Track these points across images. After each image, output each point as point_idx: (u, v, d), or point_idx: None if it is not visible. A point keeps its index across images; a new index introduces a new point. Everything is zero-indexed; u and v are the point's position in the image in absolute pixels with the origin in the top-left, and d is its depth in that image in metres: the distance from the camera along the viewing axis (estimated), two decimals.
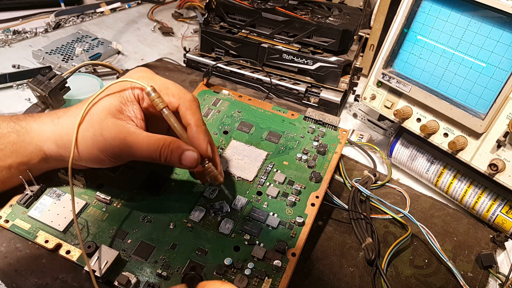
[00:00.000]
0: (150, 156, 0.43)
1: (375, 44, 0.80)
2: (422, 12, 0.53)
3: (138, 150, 0.43)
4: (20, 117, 0.46)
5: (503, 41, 0.47)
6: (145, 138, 0.43)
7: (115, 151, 0.43)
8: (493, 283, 0.51)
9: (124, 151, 0.43)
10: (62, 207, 0.47)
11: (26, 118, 0.46)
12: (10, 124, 0.45)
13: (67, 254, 0.44)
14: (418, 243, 0.54)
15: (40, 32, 0.89)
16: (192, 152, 0.43)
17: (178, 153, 0.43)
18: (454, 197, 0.59)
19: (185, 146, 0.43)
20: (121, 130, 0.43)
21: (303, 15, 0.73)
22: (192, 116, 0.44)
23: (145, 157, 0.43)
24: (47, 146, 0.45)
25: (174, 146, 0.43)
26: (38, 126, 0.45)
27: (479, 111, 0.50)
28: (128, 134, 0.43)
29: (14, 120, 0.45)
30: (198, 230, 0.47)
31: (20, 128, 0.45)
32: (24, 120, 0.45)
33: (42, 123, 0.45)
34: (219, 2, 0.74)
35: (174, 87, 0.45)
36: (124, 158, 0.45)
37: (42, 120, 0.45)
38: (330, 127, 0.60)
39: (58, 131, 0.44)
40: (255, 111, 0.62)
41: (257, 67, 0.74)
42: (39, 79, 0.56)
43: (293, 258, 0.45)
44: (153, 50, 0.90)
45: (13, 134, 0.44)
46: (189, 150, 0.43)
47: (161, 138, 0.43)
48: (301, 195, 0.51)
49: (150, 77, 0.46)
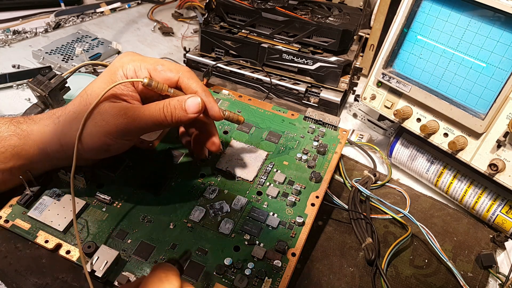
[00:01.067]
0: (156, 121, 0.43)
1: (375, 44, 0.80)
2: (422, 12, 0.53)
3: (142, 120, 0.43)
4: (21, 120, 0.46)
5: (503, 41, 0.47)
6: (145, 108, 0.44)
7: (121, 129, 0.43)
8: (493, 283, 0.51)
9: (129, 125, 0.43)
10: (62, 207, 0.47)
11: (27, 121, 0.45)
12: (11, 128, 0.45)
13: (67, 254, 0.44)
14: (418, 243, 0.54)
15: (40, 32, 0.89)
16: (193, 97, 0.44)
17: (181, 106, 0.43)
18: (454, 197, 0.59)
19: (184, 96, 0.44)
20: (120, 107, 0.43)
21: (303, 15, 0.73)
22: (196, 84, 0.46)
23: (152, 125, 0.44)
24: (50, 147, 0.45)
25: (174, 101, 0.43)
26: (39, 129, 0.45)
27: (479, 111, 0.50)
28: (127, 109, 0.43)
29: (14, 123, 0.45)
30: (198, 230, 0.47)
31: (21, 131, 0.44)
32: (24, 123, 0.45)
33: (44, 125, 0.45)
34: (219, 2, 0.74)
35: (168, 63, 0.46)
36: (132, 134, 0.45)
37: (43, 122, 0.45)
38: (330, 127, 0.60)
39: (61, 130, 0.44)
40: (255, 111, 0.62)
41: (257, 67, 0.74)
42: (39, 79, 0.56)
43: (293, 258, 0.45)
44: (153, 50, 0.90)
45: (14, 137, 0.44)
46: (189, 98, 0.44)
47: (159, 102, 0.44)
48: (301, 195, 0.51)
49: (141, 59, 0.46)
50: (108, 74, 0.45)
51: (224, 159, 0.54)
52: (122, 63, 0.45)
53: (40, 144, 0.45)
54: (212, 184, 0.51)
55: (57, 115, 0.45)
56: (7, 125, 0.45)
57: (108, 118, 0.42)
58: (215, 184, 0.52)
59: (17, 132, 0.44)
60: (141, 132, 0.46)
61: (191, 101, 0.44)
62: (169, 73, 0.45)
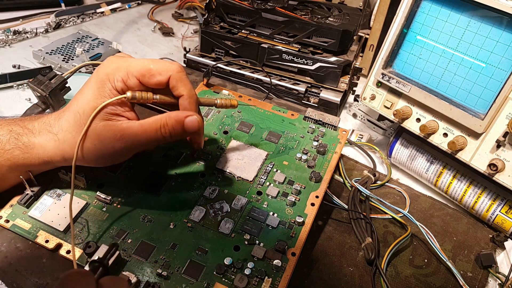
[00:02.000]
0: (152, 140, 0.43)
1: (374, 44, 0.81)
2: (422, 12, 0.53)
3: (138, 141, 0.43)
4: (20, 131, 0.45)
5: (503, 41, 0.47)
6: (140, 128, 0.43)
7: (118, 151, 0.44)
8: (492, 283, 0.51)
9: (126, 147, 0.43)
10: (63, 207, 0.47)
11: (26, 133, 0.45)
12: (12, 140, 0.44)
13: (68, 254, 0.44)
14: (417, 243, 0.54)
15: (40, 32, 0.89)
16: (191, 116, 0.44)
17: (180, 125, 0.43)
18: (454, 197, 0.59)
19: (182, 114, 0.44)
20: (114, 130, 0.43)
21: (303, 16, 0.73)
22: (184, 87, 0.45)
23: (149, 144, 0.44)
24: (54, 159, 0.45)
25: (172, 120, 0.43)
26: (41, 143, 0.45)
27: (478, 111, 0.50)
28: (122, 131, 0.43)
29: (15, 136, 0.44)
30: (198, 230, 0.47)
31: (22, 145, 0.44)
32: (24, 135, 0.45)
33: (44, 140, 0.45)
34: (219, 3, 0.74)
35: (156, 65, 0.44)
36: (130, 152, 0.46)
37: (42, 137, 0.45)
38: (330, 127, 0.60)
39: (62, 148, 0.44)
40: (255, 111, 0.62)
41: (257, 67, 0.74)
42: (40, 79, 0.57)
43: (293, 258, 0.45)
44: (153, 50, 0.90)
45: (16, 150, 0.44)
46: (188, 116, 0.44)
47: (155, 120, 0.43)
48: (301, 195, 0.51)
49: (127, 66, 0.43)
50: (96, 87, 0.43)
51: (224, 159, 0.54)
52: (108, 74, 0.43)
53: (44, 158, 0.45)
54: (212, 184, 0.51)
55: (54, 132, 0.44)
56: (7, 137, 0.44)
57: (105, 141, 0.43)
58: (215, 184, 0.52)
59: (18, 146, 0.44)
60: (139, 150, 0.46)
61: (191, 120, 0.44)
62: (158, 77, 0.44)
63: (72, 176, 0.44)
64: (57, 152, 0.44)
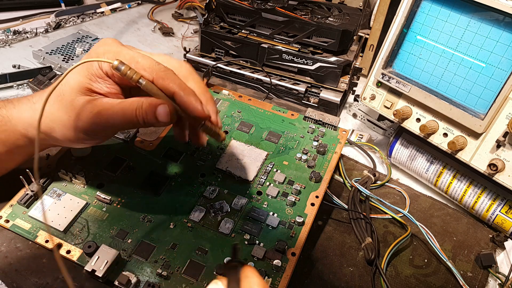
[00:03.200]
0: (128, 121, 0.41)
1: (374, 44, 0.81)
2: (422, 12, 0.53)
3: (115, 120, 0.41)
4: (0, 104, 0.45)
5: (503, 41, 0.47)
6: (118, 106, 0.41)
7: (93, 128, 0.41)
8: (492, 283, 0.51)
9: (101, 125, 0.41)
10: (63, 207, 0.47)
11: (6, 106, 0.45)
12: None
13: (67, 254, 0.44)
14: (417, 243, 0.54)
15: (40, 32, 0.89)
16: (163, 105, 0.40)
17: (152, 112, 0.40)
18: (454, 197, 0.59)
19: (157, 101, 0.40)
20: (93, 105, 0.41)
21: (303, 16, 0.73)
22: (173, 84, 0.40)
23: (124, 125, 0.41)
24: (30, 131, 0.44)
25: (146, 105, 0.40)
26: (18, 113, 0.44)
27: (478, 111, 0.50)
28: (101, 107, 0.41)
29: None
30: (198, 230, 0.47)
31: (1, 118, 0.44)
32: (4, 108, 0.44)
33: (22, 110, 0.44)
34: (219, 3, 0.74)
35: (144, 60, 0.41)
36: (104, 133, 0.44)
37: (21, 106, 0.45)
38: (330, 127, 0.60)
39: (36, 116, 0.41)
40: (255, 111, 0.62)
41: (257, 67, 0.74)
42: (40, 79, 0.57)
43: (293, 258, 0.45)
44: (153, 50, 0.90)
45: None
46: (160, 105, 0.40)
47: (134, 100, 0.40)
48: (301, 195, 0.51)
49: (116, 50, 0.41)
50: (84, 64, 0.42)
51: (224, 159, 0.54)
52: (98, 54, 0.42)
53: (21, 130, 0.44)
54: (212, 184, 0.51)
55: (34, 100, 0.44)
56: None
57: (81, 115, 0.41)
58: (215, 184, 0.52)
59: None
60: (115, 131, 0.44)
61: (161, 110, 0.40)
62: (143, 73, 0.40)
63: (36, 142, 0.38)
64: (31, 123, 0.43)
